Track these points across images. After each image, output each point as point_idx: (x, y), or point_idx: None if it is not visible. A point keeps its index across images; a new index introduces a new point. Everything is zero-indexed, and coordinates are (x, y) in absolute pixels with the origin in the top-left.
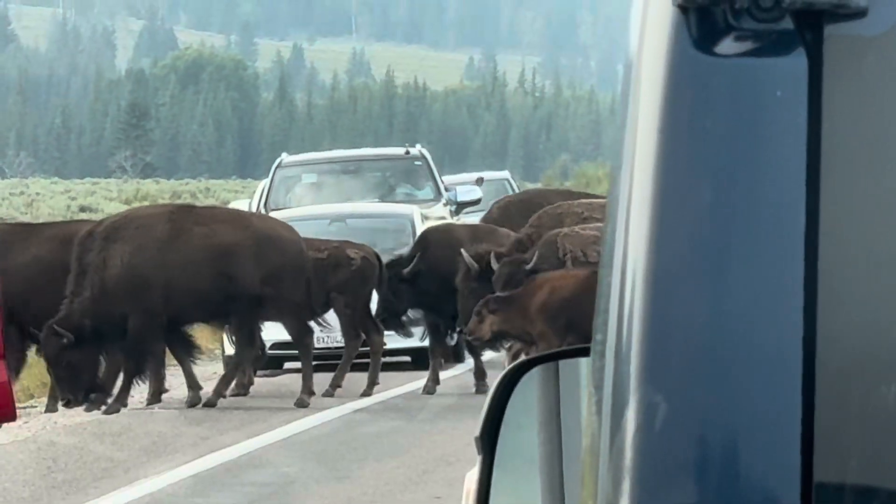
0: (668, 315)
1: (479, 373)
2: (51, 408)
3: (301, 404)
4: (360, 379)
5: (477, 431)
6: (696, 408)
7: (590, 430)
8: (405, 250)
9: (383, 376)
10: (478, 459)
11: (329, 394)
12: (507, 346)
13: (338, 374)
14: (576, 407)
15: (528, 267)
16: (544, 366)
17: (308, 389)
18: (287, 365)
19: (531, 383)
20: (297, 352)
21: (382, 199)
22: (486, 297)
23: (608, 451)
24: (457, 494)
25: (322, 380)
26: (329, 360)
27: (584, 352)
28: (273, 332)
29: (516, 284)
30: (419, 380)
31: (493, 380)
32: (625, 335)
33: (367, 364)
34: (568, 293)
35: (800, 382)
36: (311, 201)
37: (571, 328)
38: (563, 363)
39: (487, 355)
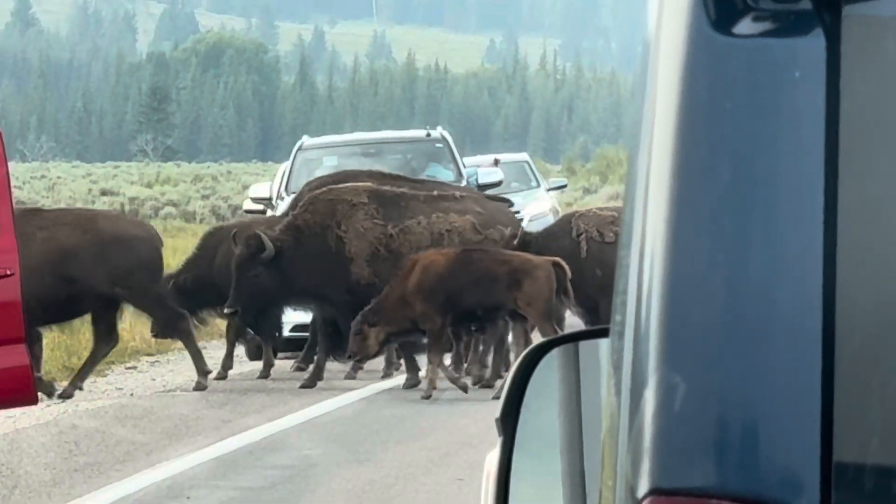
0: (687, 296)
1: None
2: (68, 392)
3: (198, 387)
4: (381, 361)
5: (497, 413)
6: (715, 388)
7: (609, 411)
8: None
9: None
10: (498, 441)
11: (350, 376)
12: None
13: None
14: (596, 388)
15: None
16: (564, 347)
17: (202, 371)
18: None
19: (551, 365)
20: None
21: None
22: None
23: (627, 431)
24: (479, 476)
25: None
26: None
27: (604, 332)
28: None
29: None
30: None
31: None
32: (643, 316)
33: None
34: (441, 269)
35: (819, 362)
36: None
37: (450, 304)
38: (582, 344)
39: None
